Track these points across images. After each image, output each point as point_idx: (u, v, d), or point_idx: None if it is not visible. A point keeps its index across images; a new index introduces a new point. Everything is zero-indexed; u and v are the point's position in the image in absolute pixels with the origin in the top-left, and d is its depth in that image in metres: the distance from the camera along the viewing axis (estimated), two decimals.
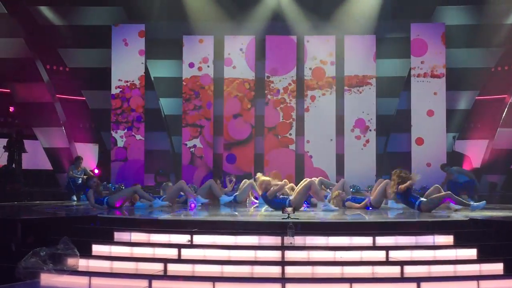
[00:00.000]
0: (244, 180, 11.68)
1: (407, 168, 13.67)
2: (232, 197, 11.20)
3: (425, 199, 9.27)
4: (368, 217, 8.29)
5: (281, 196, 9.81)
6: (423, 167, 13.56)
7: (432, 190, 9.60)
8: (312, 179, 9.98)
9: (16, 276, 6.05)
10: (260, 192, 9.97)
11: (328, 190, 11.07)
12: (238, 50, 14.56)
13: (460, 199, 9.39)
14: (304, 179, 9.70)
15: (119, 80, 14.38)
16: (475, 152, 14.30)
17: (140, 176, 14.11)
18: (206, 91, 14.55)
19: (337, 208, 9.76)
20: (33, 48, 13.88)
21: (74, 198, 12.42)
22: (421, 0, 14.33)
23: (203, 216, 8.84)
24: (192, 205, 10.00)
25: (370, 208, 9.88)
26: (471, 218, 7.71)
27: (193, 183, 13.91)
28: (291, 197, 9.47)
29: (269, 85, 14.48)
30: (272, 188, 9.56)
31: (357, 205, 10.04)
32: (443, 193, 9.41)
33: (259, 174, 10.88)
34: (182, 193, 10.88)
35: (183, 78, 14.58)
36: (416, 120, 14.02)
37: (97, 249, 6.81)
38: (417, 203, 9.18)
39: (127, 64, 14.39)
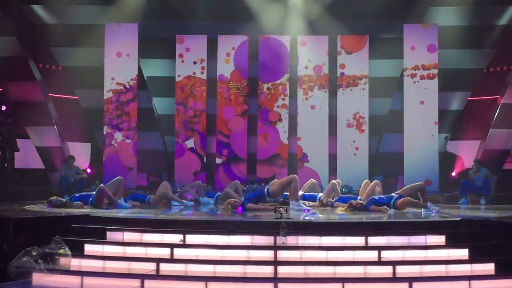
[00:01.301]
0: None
1: (400, 168, 13.85)
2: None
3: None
4: (360, 217, 8.31)
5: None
6: (415, 166, 13.66)
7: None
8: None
9: (7, 276, 6.03)
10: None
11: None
12: (231, 50, 14.56)
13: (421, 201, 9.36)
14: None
15: (112, 79, 14.33)
16: (467, 153, 14.35)
17: (132, 175, 14.08)
18: (199, 91, 14.53)
19: (309, 208, 9.67)
20: (26, 46, 13.79)
21: (66, 197, 12.34)
22: (414, 1, 14.37)
23: (196, 216, 8.84)
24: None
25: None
26: (463, 218, 7.74)
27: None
28: (269, 186, 9.47)
29: (264, 96, 14.43)
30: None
31: (345, 205, 9.93)
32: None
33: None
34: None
35: (176, 78, 14.56)
36: (408, 121, 14.06)
37: (89, 248, 6.80)
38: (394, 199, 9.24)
39: (120, 63, 14.34)
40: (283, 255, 6.46)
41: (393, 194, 9.43)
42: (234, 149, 14.41)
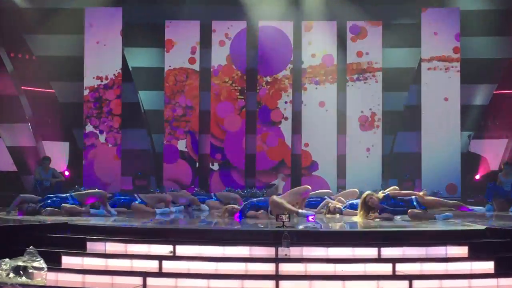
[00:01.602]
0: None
1: (417, 170, 13.85)
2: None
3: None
4: (372, 226, 8.31)
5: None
6: (434, 168, 13.69)
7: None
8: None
9: None
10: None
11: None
12: (227, 37, 14.56)
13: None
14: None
15: (92, 70, 14.35)
16: (493, 153, 14.36)
17: (116, 178, 14.09)
18: (191, 84, 14.53)
19: (313, 213, 9.63)
20: None
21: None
22: None
23: (188, 224, 8.85)
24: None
25: None
26: (488, 227, 7.74)
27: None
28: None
29: (264, 91, 14.46)
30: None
31: (356, 212, 9.89)
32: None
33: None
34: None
35: (165, 69, 14.56)
36: (426, 117, 14.07)
37: (67, 261, 6.79)
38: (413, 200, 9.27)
39: (102, 52, 14.35)
40: (285, 268, 6.46)
41: (413, 197, 9.41)
42: (229, 154, 14.41)
